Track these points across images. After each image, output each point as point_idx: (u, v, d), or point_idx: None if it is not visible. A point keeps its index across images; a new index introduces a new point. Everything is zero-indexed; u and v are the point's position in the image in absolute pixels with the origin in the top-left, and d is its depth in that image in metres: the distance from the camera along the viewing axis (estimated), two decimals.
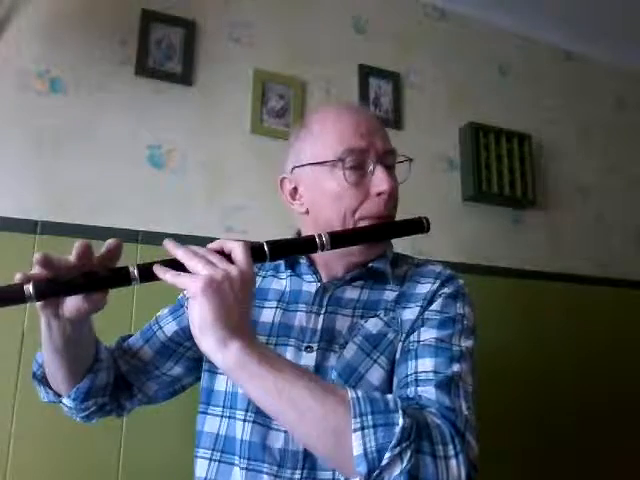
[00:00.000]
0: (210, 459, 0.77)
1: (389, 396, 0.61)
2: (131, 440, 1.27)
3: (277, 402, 0.58)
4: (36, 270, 0.61)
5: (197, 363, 0.87)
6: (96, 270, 0.63)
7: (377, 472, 0.54)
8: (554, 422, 1.76)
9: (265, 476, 0.71)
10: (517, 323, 1.79)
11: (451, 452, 0.57)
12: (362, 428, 0.56)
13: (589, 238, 2.06)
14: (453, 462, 0.57)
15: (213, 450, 0.77)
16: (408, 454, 0.55)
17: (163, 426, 1.29)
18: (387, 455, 0.54)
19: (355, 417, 0.56)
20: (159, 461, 1.28)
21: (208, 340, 0.59)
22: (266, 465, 0.71)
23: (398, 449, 0.54)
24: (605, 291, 1.99)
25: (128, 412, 0.89)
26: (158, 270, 0.62)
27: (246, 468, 0.72)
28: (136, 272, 0.63)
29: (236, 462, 0.74)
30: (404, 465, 0.54)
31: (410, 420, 0.57)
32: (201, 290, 0.58)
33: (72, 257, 0.62)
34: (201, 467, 0.77)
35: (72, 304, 0.65)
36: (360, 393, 0.59)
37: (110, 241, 0.66)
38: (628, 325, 1.98)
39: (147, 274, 0.63)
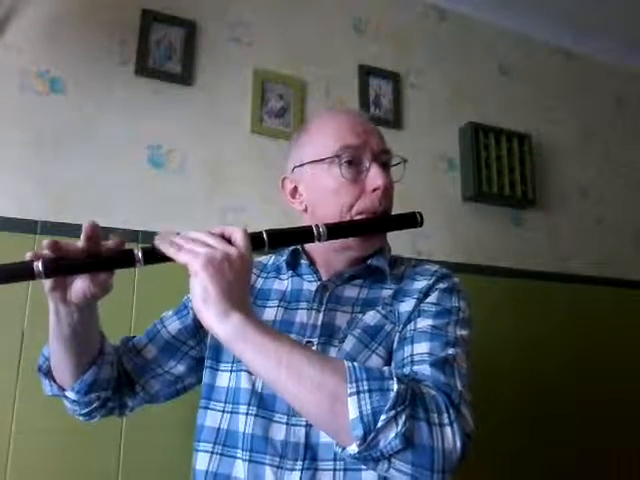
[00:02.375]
0: (212, 452, 0.78)
1: (384, 367, 0.64)
2: (131, 439, 1.27)
3: (276, 370, 0.60)
4: (45, 253, 0.64)
5: (199, 363, 0.88)
6: (102, 252, 0.66)
7: (373, 435, 0.56)
8: (554, 422, 1.76)
9: (267, 467, 0.73)
10: (517, 323, 1.79)
11: (446, 420, 0.59)
12: (358, 392, 0.58)
13: (589, 238, 2.06)
14: (448, 430, 0.58)
15: (215, 444, 0.78)
16: (403, 418, 0.56)
17: (163, 425, 1.29)
18: (382, 417, 0.56)
19: (351, 382, 0.58)
20: (159, 460, 1.28)
21: (210, 313, 0.61)
22: (268, 457, 0.73)
23: (393, 412, 0.56)
24: (605, 291, 1.99)
25: (130, 411, 0.90)
26: (161, 244, 0.65)
27: (249, 460, 0.74)
28: (140, 254, 0.65)
29: (238, 455, 0.75)
30: (399, 428, 0.56)
31: (405, 387, 0.59)
32: (202, 267, 0.61)
33: (81, 240, 0.65)
34: (202, 460, 0.78)
35: (79, 287, 0.67)
36: (355, 363, 0.62)
37: (112, 237, 0.68)
38: (628, 325, 1.98)
39: (151, 256, 0.66)
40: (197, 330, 0.88)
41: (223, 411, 0.80)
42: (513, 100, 2.04)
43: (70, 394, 0.78)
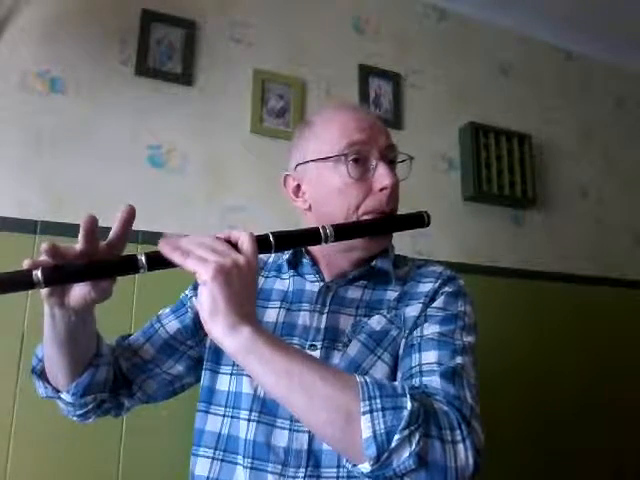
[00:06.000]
0: (212, 458, 0.76)
1: (397, 382, 0.62)
2: (131, 440, 1.27)
3: (287, 385, 0.58)
4: (43, 258, 0.62)
5: (198, 363, 0.87)
6: (104, 258, 0.64)
7: (386, 455, 0.55)
8: (554, 421, 1.76)
9: (269, 475, 0.71)
10: (517, 323, 1.79)
11: (458, 437, 0.58)
12: (371, 411, 0.56)
13: (589, 238, 2.06)
14: (460, 447, 0.57)
15: (215, 449, 0.77)
16: (417, 437, 0.55)
17: (163, 426, 1.28)
18: (396, 437, 0.55)
19: (364, 400, 0.57)
20: (159, 461, 1.28)
21: (218, 325, 0.59)
22: (270, 464, 0.72)
23: (407, 431, 0.55)
24: (605, 291, 1.99)
25: (126, 411, 0.88)
26: (166, 249, 0.62)
27: (250, 467, 0.72)
28: (144, 259, 0.63)
29: (240, 461, 0.74)
30: (413, 448, 0.55)
31: (418, 404, 0.57)
32: (212, 277, 0.59)
33: (79, 239, 0.63)
34: (202, 466, 0.77)
35: (78, 292, 0.65)
36: (368, 378, 0.60)
37: (123, 207, 0.66)
38: (628, 325, 1.98)
39: (155, 261, 0.63)
40: (196, 330, 0.85)
41: (224, 415, 0.78)
42: (513, 100, 2.04)
43: (65, 396, 0.76)
